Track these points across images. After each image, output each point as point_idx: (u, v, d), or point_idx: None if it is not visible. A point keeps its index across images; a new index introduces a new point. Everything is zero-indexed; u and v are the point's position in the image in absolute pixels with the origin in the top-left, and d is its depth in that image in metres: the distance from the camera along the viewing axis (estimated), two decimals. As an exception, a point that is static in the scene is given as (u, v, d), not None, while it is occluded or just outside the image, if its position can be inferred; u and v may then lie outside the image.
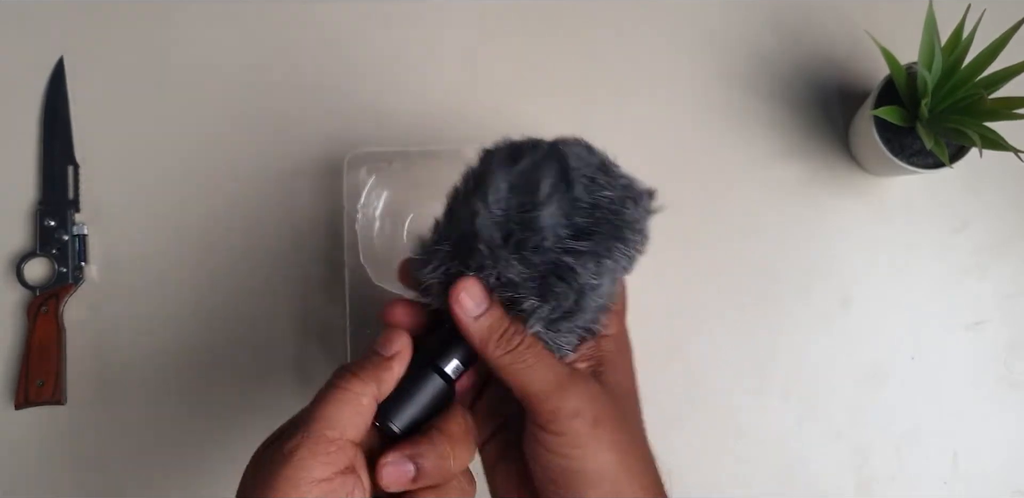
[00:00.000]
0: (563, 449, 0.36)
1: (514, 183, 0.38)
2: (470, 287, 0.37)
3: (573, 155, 0.39)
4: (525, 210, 0.37)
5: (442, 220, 0.41)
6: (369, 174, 0.63)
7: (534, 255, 0.37)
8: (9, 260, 0.65)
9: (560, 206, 0.38)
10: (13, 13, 0.68)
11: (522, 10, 0.68)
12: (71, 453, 0.63)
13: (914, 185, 0.66)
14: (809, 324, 0.65)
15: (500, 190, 0.38)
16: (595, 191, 0.39)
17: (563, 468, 0.36)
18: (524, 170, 0.38)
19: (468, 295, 0.37)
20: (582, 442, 0.36)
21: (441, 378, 0.38)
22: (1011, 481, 0.63)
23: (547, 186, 0.38)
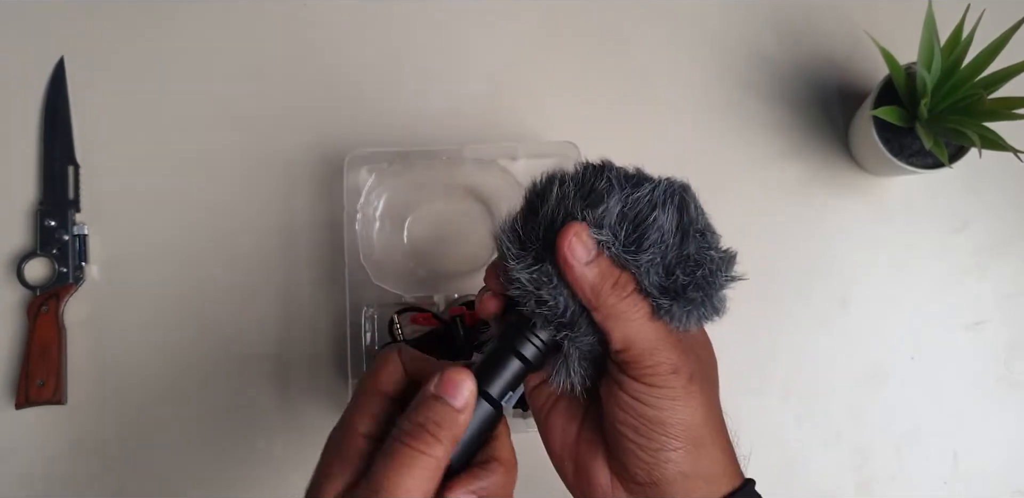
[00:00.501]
0: (656, 400, 0.36)
1: (626, 210, 0.36)
2: (581, 233, 0.36)
3: (694, 205, 0.38)
4: (627, 243, 0.36)
5: (526, 215, 0.38)
6: (369, 174, 0.63)
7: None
8: (9, 260, 0.65)
9: (664, 253, 0.36)
10: (13, 13, 0.68)
11: (522, 11, 0.68)
12: (71, 453, 0.63)
13: (914, 185, 0.66)
14: (809, 324, 0.65)
15: (611, 211, 0.36)
16: (704, 249, 0.37)
17: (650, 418, 0.36)
18: (641, 200, 0.36)
19: (579, 241, 0.36)
20: (677, 395, 0.36)
21: (491, 405, 0.37)
22: (1011, 481, 0.63)
23: (660, 228, 0.36)
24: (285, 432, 0.63)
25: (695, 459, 0.37)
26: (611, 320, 0.36)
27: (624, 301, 0.36)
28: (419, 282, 0.63)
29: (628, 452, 0.37)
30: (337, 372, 0.63)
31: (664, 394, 0.36)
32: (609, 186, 0.37)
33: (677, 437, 0.36)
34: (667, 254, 0.36)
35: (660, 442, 0.36)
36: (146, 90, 0.67)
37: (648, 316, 0.36)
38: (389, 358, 0.39)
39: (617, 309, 0.36)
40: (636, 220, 0.36)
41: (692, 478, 0.37)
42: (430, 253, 0.64)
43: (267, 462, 0.63)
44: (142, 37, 0.68)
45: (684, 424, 0.36)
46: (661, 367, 0.36)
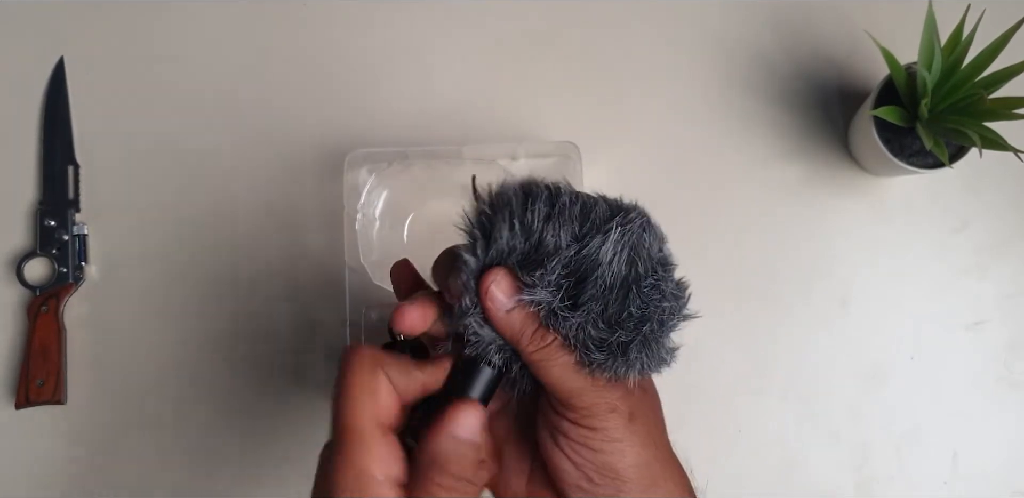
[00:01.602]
0: (599, 444, 0.35)
1: (568, 269, 0.34)
2: (500, 280, 0.35)
3: (647, 253, 0.35)
4: (562, 300, 0.34)
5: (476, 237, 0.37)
6: (369, 174, 0.63)
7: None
8: (9, 260, 0.65)
9: (603, 311, 0.34)
10: (13, 13, 0.68)
11: (522, 11, 0.68)
12: (71, 453, 0.63)
13: (914, 185, 0.66)
14: (809, 324, 0.65)
15: (548, 275, 0.34)
16: (655, 302, 0.35)
17: (598, 464, 0.35)
18: (588, 257, 0.34)
19: (498, 288, 0.35)
20: (619, 436, 0.35)
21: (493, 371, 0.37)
22: (1011, 481, 0.63)
23: (604, 285, 0.34)
24: (285, 432, 0.63)
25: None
26: (535, 367, 0.35)
27: (542, 350, 0.35)
28: (419, 282, 0.63)
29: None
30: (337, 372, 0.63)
31: (605, 436, 0.35)
32: (556, 241, 0.34)
33: (629, 480, 0.35)
34: (607, 310, 0.34)
35: (614, 487, 0.35)
36: (146, 90, 0.67)
37: (571, 366, 0.35)
38: (379, 383, 0.35)
39: (537, 356, 0.35)
40: (578, 277, 0.34)
41: None
42: (430, 253, 0.64)
43: (266, 462, 0.63)
44: (142, 37, 0.68)
45: (634, 465, 0.35)
46: (598, 407, 0.35)
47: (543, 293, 0.34)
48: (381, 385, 0.35)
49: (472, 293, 0.35)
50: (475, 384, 0.37)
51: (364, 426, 0.33)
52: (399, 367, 0.36)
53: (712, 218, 0.65)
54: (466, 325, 0.36)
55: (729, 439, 0.63)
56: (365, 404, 0.34)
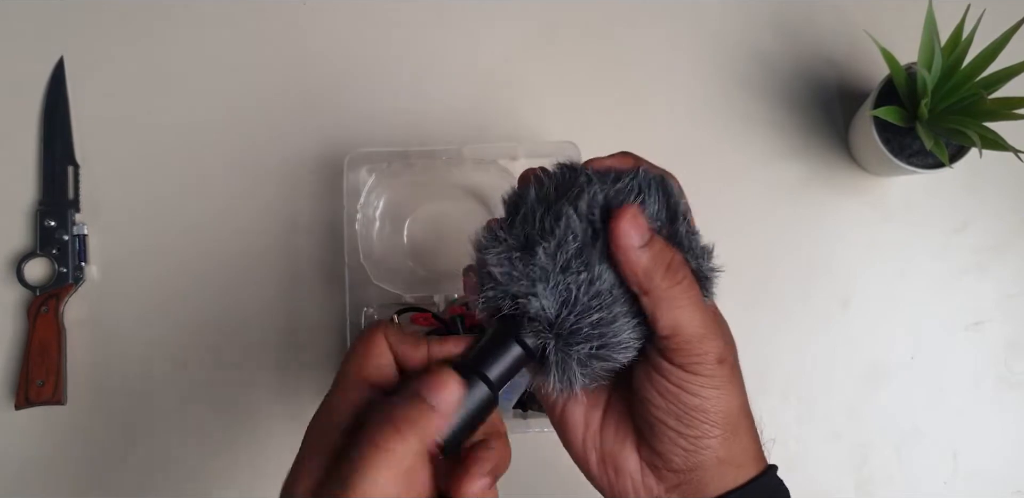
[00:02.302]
0: (700, 389, 0.36)
1: (611, 198, 0.36)
2: (634, 215, 0.35)
3: (675, 190, 0.37)
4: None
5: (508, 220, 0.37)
6: (369, 174, 0.63)
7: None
8: (9, 260, 0.65)
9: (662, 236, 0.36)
10: (13, 13, 0.68)
11: (522, 11, 0.68)
12: (71, 453, 0.63)
13: (914, 185, 0.66)
14: (809, 324, 0.65)
15: (596, 200, 0.35)
16: (693, 233, 0.37)
17: (694, 406, 0.36)
18: (623, 189, 0.36)
19: (632, 224, 0.34)
20: (721, 383, 0.36)
21: (488, 389, 0.35)
22: (1011, 481, 0.63)
23: (651, 212, 0.36)
24: (285, 432, 0.63)
25: (730, 445, 0.37)
26: (662, 305, 0.35)
27: (677, 286, 0.35)
28: (419, 282, 0.63)
29: (666, 439, 0.37)
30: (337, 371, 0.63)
31: (708, 383, 0.36)
32: (588, 180, 0.36)
33: (717, 424, 0.36)
34: (685, 245, 0.37)
35: (702, 429, 0.36)
36: (146, 90, 0.67)
37: (698, 301, 0.36)
38: (375, 340, 0.37)
39: (669, 294, 0.35)
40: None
41: (726, 464, 0.37)
42: (430, 253, 0.64)
43: (266, 462, 0.63)
44: (142, 37, 0.68)
45: (724, 411, 0.36)
46: (709, 356, 0.36)
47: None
48: (377, 345, 0.37)
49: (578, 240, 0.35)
50: (496, 362, 0.35)
51: (348, 377, 0.36)
52: (403, 337, 0.37)
53: (712, 218, 0.65)
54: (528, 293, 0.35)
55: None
56: (356, 359, 0.37)
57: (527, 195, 0.37)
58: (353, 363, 0.37)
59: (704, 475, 0.37)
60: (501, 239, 0.36)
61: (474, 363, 0.35)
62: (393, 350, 0.37)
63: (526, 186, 0.37)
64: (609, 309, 0.35)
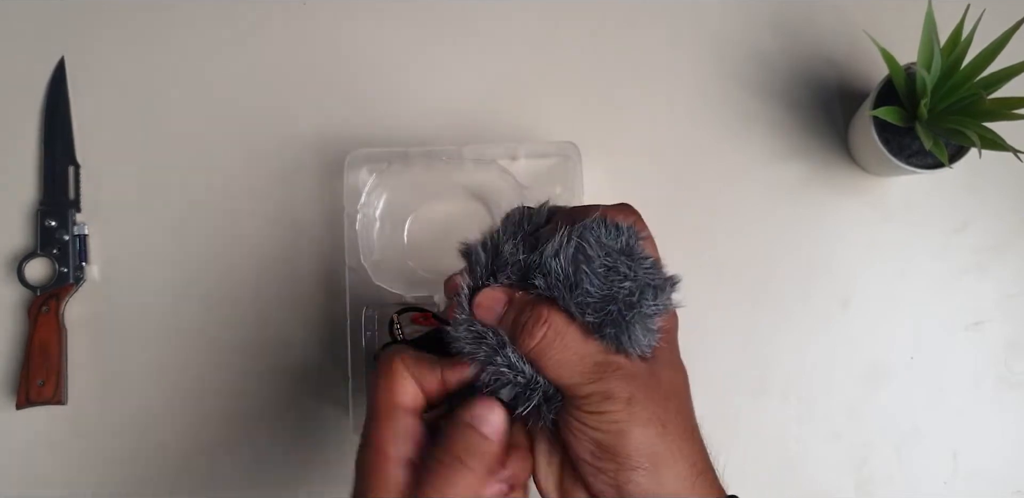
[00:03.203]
0: (600, 425, 0.37)
1: (526, 269, 0.39)
2: (482, 298, 0.39)
3: (593, 241, 0.38)
4: (522, 272, 0.40)
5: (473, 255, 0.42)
6: (369, 174, 0.63)
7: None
8: (10, 260, 0.65)
9: (568, 301, 0.38)
10: (13, 13, 0.68)
11: (522, 11, 0.68)
12: (71, 453, 0.63)
13: (914, 185, 0.66)
14: (809, 324, 0.65)
15: (514, 269, 0.40)
16: (614, 281, 0.38)
17: (600, 442, 0.37)
18: (536, 259, 0.39)
19: (481, 306, 0.39)
20: (618, 419, 0.37)
21: (503, 405, 0.39)
22: (1011, 481, 0.63)
23: (554, 277, 0.38)
24: (285, 432, 0.63)
25: (657, 478, 0.37)
26: (535, 362, 0.38)
27: (539, 343, 0.37)
28: (419, 282, 0.63)
29: (593, 477, 0.38)
30: (337, 372, 0.63)
31: (605, 419, 0.37)
32: (513, 248, 0.40)
33: (630, 458, 0.37)
34: (569, 295, 0.38)
35: (616, 462, 0.37)
36: (146, 90, 0.67)
37: (569, 351, 0.38)
38: (397, 370, 0.39)
39: (534, 353, 0.38)
40: (527, 272, 0.39)
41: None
42: (430, 253, 0.64)
43: (267, 461, 0.63)
44: (142, 37, 0.68)
45: (634, 446, 0.37)
46: (594, 397, 0.37)
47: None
48: (400, 375, 0.39)
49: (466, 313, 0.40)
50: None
51: (382, 409, 0.38)
52: (419, 364, 0.40)
53: (712, 218, 0.65)
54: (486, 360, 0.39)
55: (729, 439, 0.63)
56: (385, 392, 0.39)
57: (475, 257, 0.41)
58: (384, 394, 0.39)
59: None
60: (464, 315, 0.40)
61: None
62: (414, 378, 0.40)
63: (472, 245, 0.42)
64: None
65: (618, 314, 0.37)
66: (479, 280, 0.40)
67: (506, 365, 0.38)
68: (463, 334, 0.39)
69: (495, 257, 0.40)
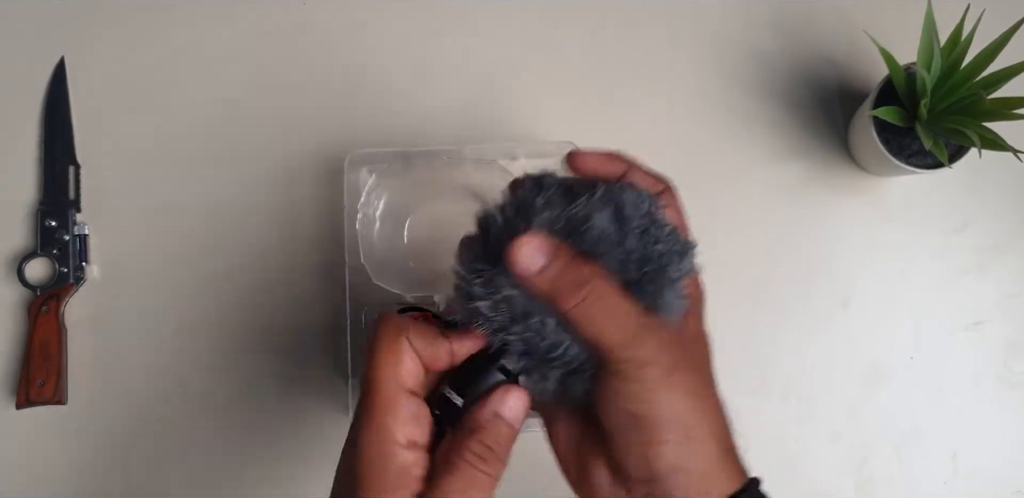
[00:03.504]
0: (636, 395, 0.36)
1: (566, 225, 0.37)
2: (523, 245, 0.35)
3: (629, 202, 0.37)
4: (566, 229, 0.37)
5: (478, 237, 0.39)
6: (369, 174, 0.63)
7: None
8: (10, 260, 0.65)
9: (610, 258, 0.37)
10: (13, 13, 0.68)
11: (522, 12, 0.68)
12: (71, 453, 0.63)
13: (914, 185, 0.66)
14: (809, 324, 0.65)
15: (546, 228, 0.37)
16: (648, 243, 0.37)
17: (635, 414, 0.36)
18: (578, 211, 0.37)
19: (521, 253, 0.35)
20: (655, 387, 0.36)
21: (504, 375, 0.38)
22: (1011, 481, 0.63)
23: (599, 233, 0.36)
24: (285, 431, 0.63)
25: (686, 452, 0.36)
26: (575, 323, 0.36)
27: (581, 304, 0.35)
28: (419, 282, 0.63)
29: (620, 448, 0.37)
30: (337, 372, 0.63)
31: (640, 388, 0.36)
32: (545, 204, 0.37)
33: (662, 429, 0.36)
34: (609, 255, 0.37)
35: (646, 435, 0.36)
36: (146, 90, 0.67)
37: (613, 312, 0.36)
38: (401, 346, 0.36)
39: (575, 312, 0.35)
40: (572, 230, 0.37)
41: (686, 473, 0.36)
42: (430, 253, 0.64)
43: (267, 461, 0.63)
44: (142, 37, 0.68)
45: (668, 417, 0.36)
46: (633, 362, 0.36)
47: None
48: (404, 350, 0.36)
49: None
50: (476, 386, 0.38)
51: (388, 387, 0.36)
52: (423, 336, 0.37)
53: (712, 218, 0.65)
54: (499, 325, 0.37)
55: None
56: (389, 367, 0.36)
57: (493, 220, 0.38)
58: (384, 372, 0.36)
59: (665, 485, 0.36)
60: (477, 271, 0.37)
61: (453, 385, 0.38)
62: (420, 355, 0.37)
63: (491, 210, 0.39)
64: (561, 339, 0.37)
65: (654, 274, 0.37)
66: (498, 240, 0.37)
67: (534, 330, 0.36)
68: (478, 291, 0.36)
69: (517, 215, 0.37)
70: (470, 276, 0.37)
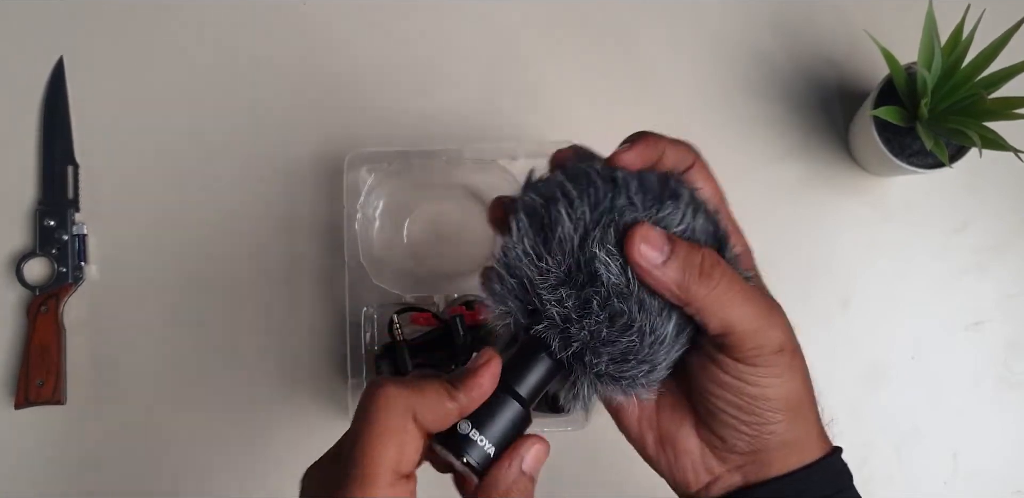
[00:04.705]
0: (761, 379, 0.35)
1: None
2: (647, 234, 0.33)
3: (708, 203, 0.38)
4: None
5: (543, 240, 0.36)
6: (369, 174, 0.63)
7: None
8: (9, 260, 0.65)
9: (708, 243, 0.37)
10: (13, 13, 0.68)
11: (523, 12, 0.68)
12: (71, 453, 0.63)
13: (914, 185, 0.66)
14: (809, 324, 0.64)
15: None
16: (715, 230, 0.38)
17: (754, 395, 0.35)
18: (667, 217, 0.35)
19: (648, 244, 0.33)
20: (782, 371, 0.35)
21: (520, 405, 0.34)
22: (1011, 481, 0.63)
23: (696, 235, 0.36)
24: (285, 432, 0.63)
25: (794, 428, 0.36)
26: (706, 311, 0.34)
27: (715, 289, 0.34)
28: (419, 282, 0.63)
29: (728, 426, 0.36)
30: (337, 372, 0.63)
31: (769, 373, 0.35)
32: (627, 203, 0.35)
33: (780, 410, 0.36)
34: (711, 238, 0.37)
35: (764, 417, 0.36)
36: (146, 90, 0.67)
37: (743, 296, 0.35)
38: (407, 432, 0.31)
39: (709, 300, 0.34)
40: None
41: (791, 445, 0.37)
42: (430, 253, 0.64)
43: (267, 461, 0.63)
44: (142, 37, 0.68)
45: (787, 398, 0.36)
46: (766, 348, 0.35)
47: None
48: (409, 433, 0.31)
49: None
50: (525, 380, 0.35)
51: (380, 476, 0.30)
52: (431, 404, 0.32)
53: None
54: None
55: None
56: (388, 453, 0.31)
57: (560, 218, 0.35)
58: (384, 460, 0.31)
59: (767, 456, 0.36)
60: (545, 270, 0.34)
61: (504, 379, 0.34)
62: (425, 429, 0.32)
63: (554, 201, 0.35)
64: (652, 327, 0.34)
65: (731, 259, 0.37)
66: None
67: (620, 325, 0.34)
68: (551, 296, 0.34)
69: (594, 210, 0.35)
70: (540, 279, 0.34)
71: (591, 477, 0.62)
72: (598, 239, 0.34)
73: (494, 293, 0.36)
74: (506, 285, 0.35)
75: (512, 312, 0.35)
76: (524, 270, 0.35)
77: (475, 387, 0.33)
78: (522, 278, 0.35)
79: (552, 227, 0.35)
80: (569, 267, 0.34)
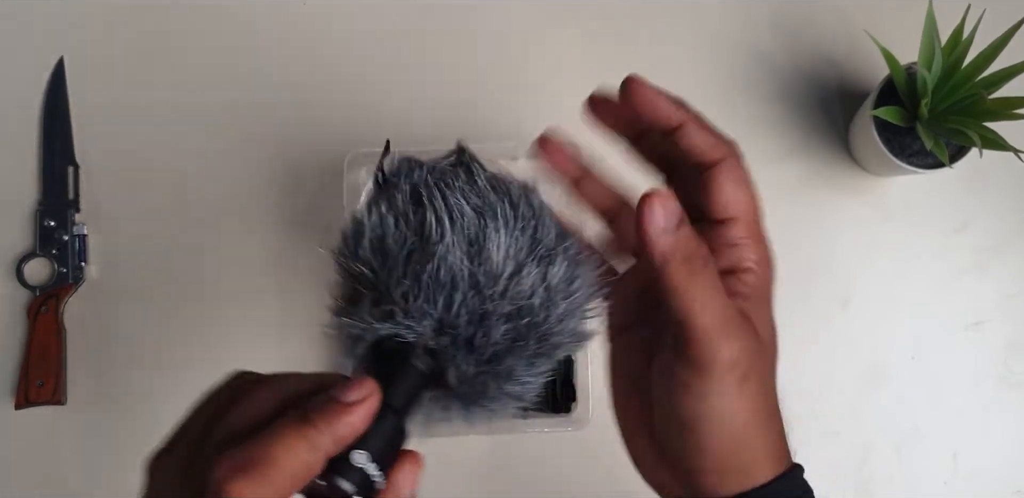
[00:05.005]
0: (704, 391, 0.34)
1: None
2: (667, 202, 0.33)
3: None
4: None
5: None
6: (369, 174, 0.63)
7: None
8: (9, 260, 0.65)
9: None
10: (13, 13, 0.68)
11: (522, 12, 0.68)
12: (71, 453, 0.63)
13: (914, 185, 0.66)
14: (809, 324, 0.65)
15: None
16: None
17: (693, 409, 0.34)
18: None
19: (663, 206, 0.33)
20: (726, 391, 0.34)
21: (394, 415, 0.34)
22: (1011, 481, 0.63)
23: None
24: (285, 432, 0.63)
25: (734, 454, 0.35)
26: (674, 293, 0.33)
27: (697, 277, 0.33)
28: (419, 282, 0.63)
29: (668, 437, 0.36)
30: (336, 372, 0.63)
31: (713, 389, 0.34)
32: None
33: (716, 434, 0.35)
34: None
35: (699, 436, 0.35)
36: (146, 90, 0.67)
37: (719, 296, 0.34)
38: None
39: (687, 281, 0.33)
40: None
41: (729, 472, 0.35)
42: (430, 253, 0.64)
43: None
44: (142, 37, 0.68)
45: (727, 422, 0.35)
46: (718, 362, 0.33)
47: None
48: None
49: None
50: (396, 386, 0.35)
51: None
52: (291, 472, 0.31)
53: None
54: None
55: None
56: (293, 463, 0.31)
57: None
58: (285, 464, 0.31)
59: (704, 477, 0.36)
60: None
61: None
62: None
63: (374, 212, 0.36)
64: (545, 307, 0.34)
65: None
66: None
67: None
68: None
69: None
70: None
71: (591, 477, 0.62)
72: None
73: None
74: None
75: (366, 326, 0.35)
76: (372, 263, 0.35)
77: (347, 427, 0.32)
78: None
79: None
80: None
